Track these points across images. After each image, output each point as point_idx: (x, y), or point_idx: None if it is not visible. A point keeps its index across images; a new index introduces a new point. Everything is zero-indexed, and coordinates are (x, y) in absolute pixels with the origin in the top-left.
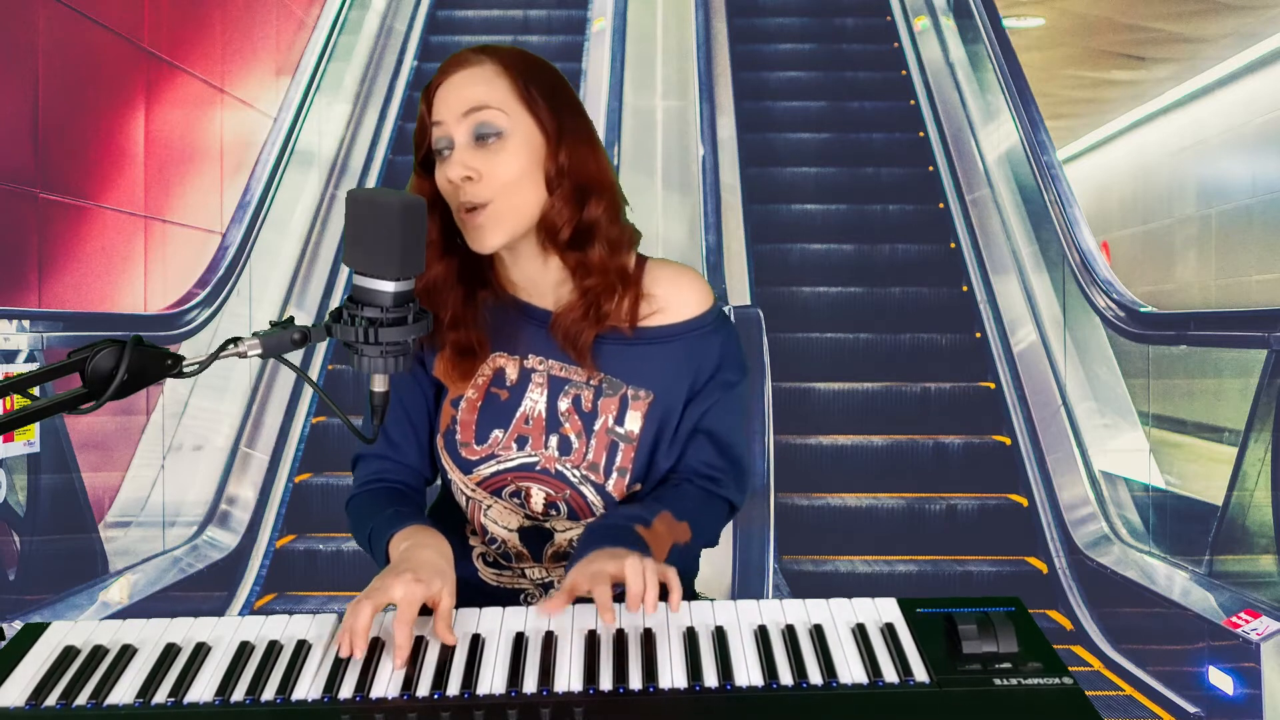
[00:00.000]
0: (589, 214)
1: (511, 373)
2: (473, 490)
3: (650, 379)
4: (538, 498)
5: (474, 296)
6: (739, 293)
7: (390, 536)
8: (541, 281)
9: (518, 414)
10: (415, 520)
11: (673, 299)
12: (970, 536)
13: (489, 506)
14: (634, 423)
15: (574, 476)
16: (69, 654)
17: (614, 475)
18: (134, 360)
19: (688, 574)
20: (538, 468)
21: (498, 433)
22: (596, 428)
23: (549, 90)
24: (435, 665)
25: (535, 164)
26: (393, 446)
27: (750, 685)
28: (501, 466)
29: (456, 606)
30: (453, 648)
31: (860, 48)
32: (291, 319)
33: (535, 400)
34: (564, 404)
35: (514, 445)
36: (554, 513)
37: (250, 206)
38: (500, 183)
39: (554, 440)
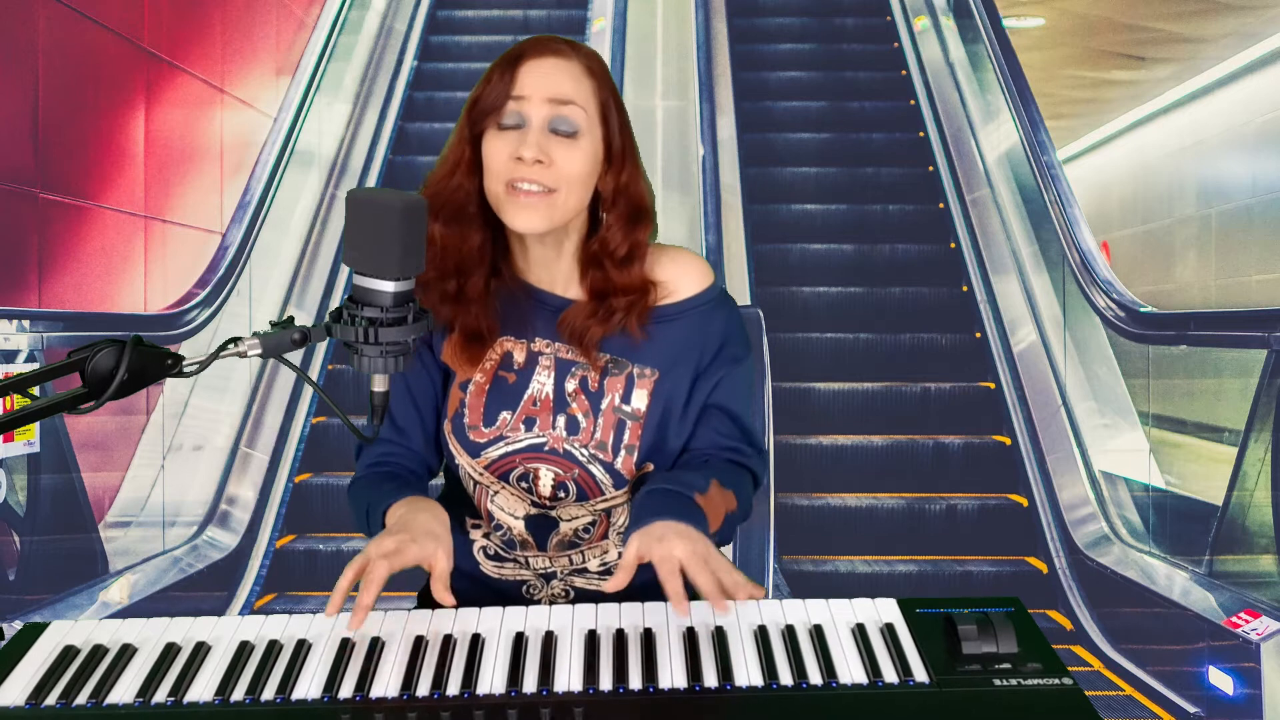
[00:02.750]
0: (638, 236)
1: (519, 356)
2: (480, 475)
3: (655, 357)
4: (546, 480)
5: (489, 281)
6: (739, 293)
7: (387, 508)
8: (554, 269)
9: (525, 396)
10: (414, 494)
11: (675, 279)
12: (970, 536)
13: (496, 493)
14: (640, 400)
15: (582, 455)
16: (69, 654)
17: (622, 453)
18: (134, 360)
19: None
20: (546, 448)
21: (505, 415)
22: (603, 406)
23: (620, 109)
24: (435, 665)
25: (594, 172)
26: (398, 432)
27: (750, 685)
28: (510, 448)
29: (458, 605)
30: (453, 648)
31: (860, 48)
32: (291, 319)
33: (543, 382)
34: (571, 385)
35: (522, 426)
36: (563, 495)
37: (250, 206)
38: (566, 177)
39: (561, 420)
